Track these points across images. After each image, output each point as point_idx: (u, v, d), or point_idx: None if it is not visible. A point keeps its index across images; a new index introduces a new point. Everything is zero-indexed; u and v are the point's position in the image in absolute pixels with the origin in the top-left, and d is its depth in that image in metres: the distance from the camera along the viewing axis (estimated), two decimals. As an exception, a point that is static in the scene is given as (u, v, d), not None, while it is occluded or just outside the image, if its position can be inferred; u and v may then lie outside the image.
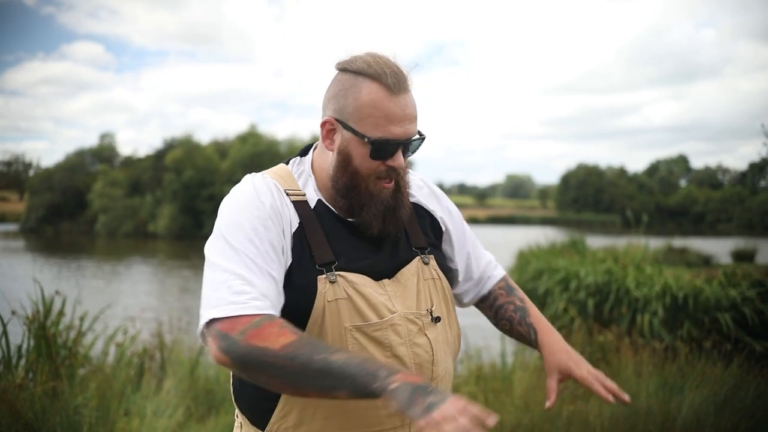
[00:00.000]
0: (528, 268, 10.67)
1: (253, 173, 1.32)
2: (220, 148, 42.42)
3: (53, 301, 3.54)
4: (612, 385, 1.34)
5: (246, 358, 1.02)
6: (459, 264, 1.44)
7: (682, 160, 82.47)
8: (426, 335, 1.24)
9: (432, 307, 1.28)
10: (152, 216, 41.44)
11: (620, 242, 10.85)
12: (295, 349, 1.01)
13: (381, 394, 0.96)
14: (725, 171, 78.03)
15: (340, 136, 1.24)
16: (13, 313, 3.40)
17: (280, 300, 1.15)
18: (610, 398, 1.33)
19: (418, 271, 1.29)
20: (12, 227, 49.50)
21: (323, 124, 1.27)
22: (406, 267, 1.28)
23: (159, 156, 44.21)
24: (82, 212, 45.59)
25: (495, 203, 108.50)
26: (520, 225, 61.14)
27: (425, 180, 1.47)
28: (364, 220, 1.25)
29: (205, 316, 1.09)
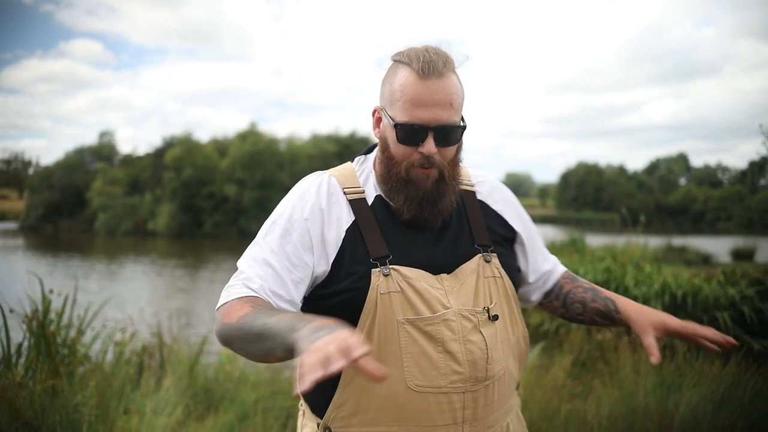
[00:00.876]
0: (527, 267, 10.65)
1: (320, 171, 1.36)
2: (220, 147, 42.37)
3: (52, 299, 3.55)
4: (714, 332, 1.29)
5: (220, 335, 1.13)
6: (530, 265, 1.44)
7: (681, 159, 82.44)
8: (481, 332, 1.23)
9: (492, 305, 1.26)
10: (152, 214, 41.41)
11: (620, 241, 10.84)
12: (246, 319, 1.07)
13: (295, 343, 0.94)
14: (725, 169, 78.06)
15: (383, 122, 1.29)
16: (12, 311, 3.40)
17: (287, 291, 1.19)
18: (723, 342, 1.27)
19: (478, 269, 1.27)
20: (11, 225, 49.47)
21: (372, 113, 1.32)
22: (466, 263, 1.27)
23: (158, 154, 44.16)
24: (81, 210, 45.54)
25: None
26: (520, 223, 60.96)
27: (496, 181, 1.46)
28: (398, 205, 1.26)
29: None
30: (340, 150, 40.89)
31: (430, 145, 1.21)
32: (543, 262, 1.48)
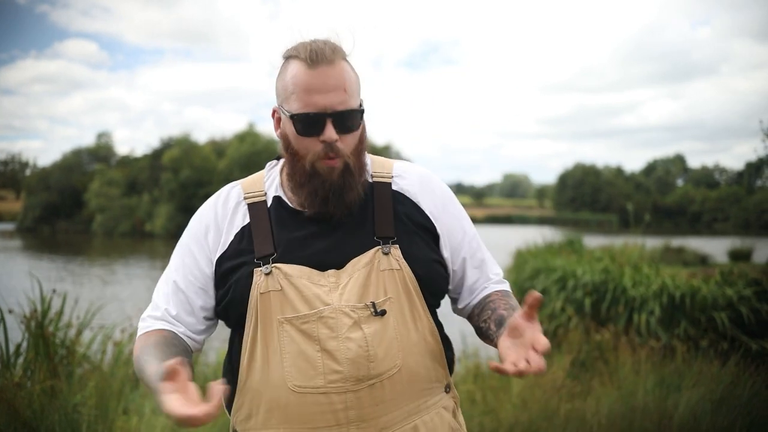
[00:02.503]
0: (525, 268, 10.69)
1: (231, 183, 1.38)
2: (218, 148, 42.38)
3: (51, 299, 3.54)
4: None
5: (135, 369, 1.23)
6: (453, 265, 1.33)
7: (678, 160, 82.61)
8: (362, 329, 1.17)
9: (384, 299, 1.19)
10: (149, 215, 41.40)
11: (617, 241, 10.87)
12: (137, 357, 1.19)
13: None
14: (722, 170, 78.20)
15: (282, 120, 1.26)
16: (11, 311, 3.40)
17: (190, 303, 1.27)
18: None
19: (373, 262, 1.20)
20: (9, 226, 49.38)
21: (272, 114, 1.30)
22: (358, 257, 1.21)
23: (156, 155, 44.16)
24: (79, 211, 45.52)
25: (492, 202, 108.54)
26: (518, 224, 61.22)
27: (419, 171, 1.37)
28: (302, 201, 1.24)
29: None
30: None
31: (330, 132, 1.18)
32: (471, 272, 1.34)
